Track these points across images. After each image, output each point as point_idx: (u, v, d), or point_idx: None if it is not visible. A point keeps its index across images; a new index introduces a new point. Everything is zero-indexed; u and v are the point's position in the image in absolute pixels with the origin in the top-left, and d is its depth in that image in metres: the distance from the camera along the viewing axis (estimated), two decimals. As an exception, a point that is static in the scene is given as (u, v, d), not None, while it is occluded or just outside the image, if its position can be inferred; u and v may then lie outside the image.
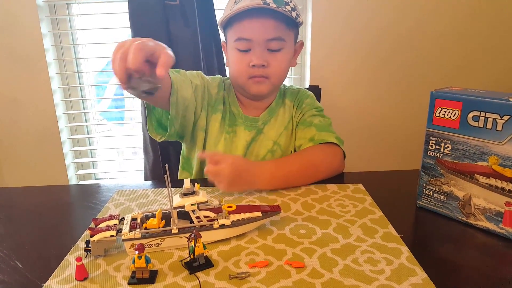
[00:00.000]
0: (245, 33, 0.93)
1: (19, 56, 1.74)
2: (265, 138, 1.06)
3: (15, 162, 1.89)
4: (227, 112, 1.06)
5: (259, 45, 0.93)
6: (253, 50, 0.94)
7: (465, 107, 0.69)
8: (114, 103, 2.14)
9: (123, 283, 0.57)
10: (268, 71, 0.96)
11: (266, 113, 1.06)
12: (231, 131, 1.05)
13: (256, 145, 1.06)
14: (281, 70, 0.98)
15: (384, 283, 0.56)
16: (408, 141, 1.92)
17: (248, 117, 1.05)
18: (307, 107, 1.08)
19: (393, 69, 1.84)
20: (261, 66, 0.94)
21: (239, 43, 0.95)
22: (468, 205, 0.72)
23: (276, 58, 0.96)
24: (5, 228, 0.76)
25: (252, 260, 0.62)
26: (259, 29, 0.92)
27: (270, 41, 0.93)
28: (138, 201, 0.85)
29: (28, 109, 1.81)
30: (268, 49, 0.94)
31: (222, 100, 1.06)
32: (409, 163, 1.91)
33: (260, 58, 0.93)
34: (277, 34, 0.93)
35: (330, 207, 0.79)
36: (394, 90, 1.87)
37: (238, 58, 0.97)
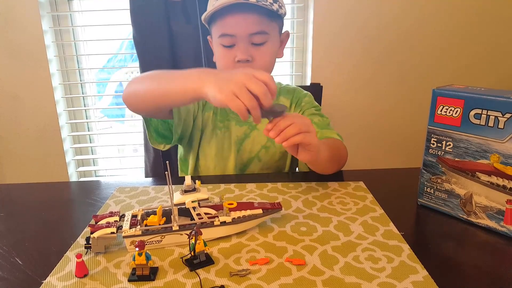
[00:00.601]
0: (228, 29, 0.92)
1: (20, 52, 1.73)
2: (259, 134, 1.06)
3: (16, 158, 1.89)
4: (218, 108, 1.05)
5: (242, 40, 0.93)
6: (237, 45, 0.93)
7: (467, 104, 0.69)
8: (115, 100, 2.14)
9: (123, 280, 0.57)
10: (253, 65, 0.95)
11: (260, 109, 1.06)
12: (223, 127, 1.05)
13: (249, 141, 1.06)
14: (266, 63, 0.97)
15: (385, 281, 0.56)
16: (409, 139, 1.92)
17: None
18: (307, 105, 1.08)
19: (395, 67, 1.83)
20: (246, 61, 0.94)
21: (223, 39, 0.94)
22: (469, 203, 0.72)
23: (261, 51, 0.95)
24: (5, 224, 0.76)
25: (253, 257, 0.62)
26: (241, 24, 0.91)
27: (253, 35, 0.92)
28: (139, 198, 0.85)
29: (29, 106, 1.81)
30: (252, 43, 0.94)
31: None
32: (410, 161, 1.90)
33: (245, 53, 0.93)
34: (260, 28, 0.92)
35: (331, 205, 0.79)
36: (395, 88, 1.87)
37: (223, 54, 0.96)
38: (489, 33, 1.80)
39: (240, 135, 1.06)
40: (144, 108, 0.89)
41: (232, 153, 1.05)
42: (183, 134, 1.03)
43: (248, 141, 1.06)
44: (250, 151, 1.06)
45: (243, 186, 0.90)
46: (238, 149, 1.06)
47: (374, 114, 1.90)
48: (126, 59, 2.03)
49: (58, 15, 1.80)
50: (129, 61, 2.03)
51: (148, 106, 0.87)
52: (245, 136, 1.06)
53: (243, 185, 0.90)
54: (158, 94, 0.81)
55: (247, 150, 1.06)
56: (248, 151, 1.06)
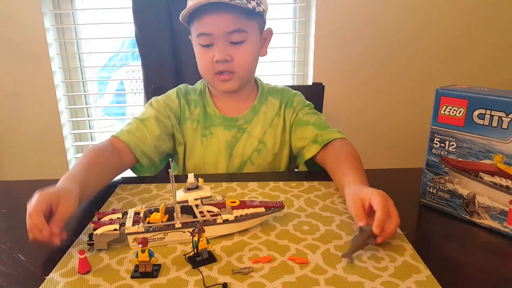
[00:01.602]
0: (205, 28, 0.91)
1: (22, 50, 1.74)
2: (250, 137, 1.04)
3: (17, 156, 1.89)
4: (201, 115, 1.04)
5: (220, 39, 0.91)
6: (215, 45, 0.92)
7: (470, 104, 0.69)
8: (116, 98, 2.14)
9: (126, 277, 0.57)
10: (232, 65, 0.94)
11: (249, 112, 1.04)
12: (208, 133, 1.03)
13: (240, 145, 1.04)
14: (246, 63, 0.96)
15: (388, 280, 0.56)
16: (411, 139, 1.92)
17: (226, 117, 1.03)
18: (299, 105, 1.06)
19: (397, 67, 1.83)
20: (225, 61, 0.92)
21: (201, 38, 0.93)
22: (472, 203, 0.71)
23: (239, 50, 0.93)
24: (7, 221, 0.76)
25: (255, 255, 0.62)
26: (218, 23, 0.90)
27: (231, 33, 0.91)
28: (141, 195, 0.85)
29: (30, 104, 1.81)
30: (230, 42, 0.92)
31: (191, 106, 1.04)
32: (412, 161, 1.90)
33: (222, 52, 0.91)
34: (237, 26, 0.90)
35: (333, 204, 0.79)
36: (397, 87, 1.87)
37: (202, 54, 0.95)
38: (493, 33, 1.79)
39: (230, 139, 1.03)
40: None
41: (222, 158, 1.04)
42: (165, 156, 1.04)
43: (239, 145, 1.04)
44: (242, 155, 1.04)
45: (245, 184, 0.90)
46: (229, 154, 1.04)
47: (376, 113, 1.90)
48: (127, 58, 2.03)
49: (61, 13, 1.80)
50: (130, 59, 2.04)
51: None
52: (236, 140, 1.04)
53: (245, 184, 0.90)
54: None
55: (239, 154, 1.04)
56: (240, 155, 1.04)
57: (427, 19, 1.77)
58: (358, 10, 1.75)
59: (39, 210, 0.61)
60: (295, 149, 1.05)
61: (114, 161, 0.89)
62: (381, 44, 1.79)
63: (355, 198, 0.68)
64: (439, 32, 1.79)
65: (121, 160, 0.91)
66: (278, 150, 1.06)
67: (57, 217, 0.62)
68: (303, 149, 1.01)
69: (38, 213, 0.61)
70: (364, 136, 1.93)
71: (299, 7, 1.84)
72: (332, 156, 0.92)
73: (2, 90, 1.78)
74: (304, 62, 1.90)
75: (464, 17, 1.77)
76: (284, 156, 1.07)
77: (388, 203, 0.65)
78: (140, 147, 0.95)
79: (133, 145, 0.94)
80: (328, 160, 0.93)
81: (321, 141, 0.96)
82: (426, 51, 1.81)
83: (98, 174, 0.82)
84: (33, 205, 0.61)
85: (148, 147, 0.96)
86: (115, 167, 0.89)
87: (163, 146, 1.01)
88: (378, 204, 0.63)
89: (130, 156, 0.94)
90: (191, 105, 1.05)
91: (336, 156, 0.91)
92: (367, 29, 1.77)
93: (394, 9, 1.75)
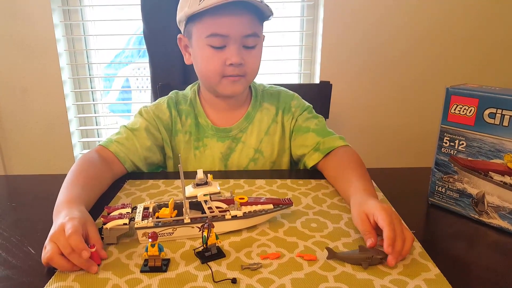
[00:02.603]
0: (221, 28, 0.85)
1: (30, 46, 1.74)
2: (245, 147, 1.01)
3: (24, 151, 1.90)
4: (193, 126, 1.00)
5: (235, 42, 0.87)
6: (228, 47, 0.87)
7: (481, 104, 0.68)
8: (121, 95, 2.15)
9: (135, 271, 0.57)
10: (245, 69, 0.90)
11: (243, 121, 1.01)
12: (201, 145, 1.00)
13: (235, 156, 1.01)
14: (255, 67, 0.93)
15: (397, 278, 0.56)
16: (418, 139, 1.91)
17: (218, 128, 1.00)
18: (297, 110, 1.02)
19: (405, 66, 1.83)
20: (239, 65, 0.88)
21: (213, 39, 0.87)
22: (482, 203, 0.71)
23: (252, 55, 0.90)
24: (16, 214, 0.77)
25: (264, 251, 0.62)
26: (237, 25, 0.86)
27: (247, 37, 0.87)
28: (149, 191, 0.85)
29: (38, 99, 1.82)
30: (243, 46, 0.89)
31: (182, 117, 1.01)
32: (419, 160, 1.90)
33: (238, 56, 0.87)
34: (253, 30, 0.88)
35: (341, 202, 0.79)
36: (405, 86, 1.86)
37: (211, 56, 0.89)
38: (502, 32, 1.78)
39: (224, 150, 1.00)
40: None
41: (218, 170, 1.01)
42: (153, 169, 1.02)
43: (234, 156, 1.01)
44: (237, 165, 1.01)
45: (252, 182, 0.90)
46: (224, 165, 1.01)
47: (383, 113, 1.90)
48: (133, 55, 2.04)
49: (69, 9, 1.80)
50: (136, 57, 2.04)
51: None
52: (230, 151, 1.01)
53: (253, 181, 0.90)
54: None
55: (235, 165, 1.01)
56: (236, 165, 1.01)
57: (436, 18, 1.76)
58: (367, 9, 1.74)
59: (79, 231, 0.57)
60: (295, 156, 1.02)
61: (106, 174, 0.86)
62: (389, 43, 1.79)
63: (360, 213, 0.65)
64: (448, 31, 1.78)
65: (112, 172, 0.88)
66: (276, 158, 1.03)
67: (98, 240, 0.60)
68: (304, 156, 0.98)
69: (78, 234, 0.57)
70: (370, 135, 1.92)
71: (306, 6, 1.83)
72: (334, 164, 0.89)
73: (10, 86, 1.79)
74: (311, 60, 1.90)
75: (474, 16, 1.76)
76: (284, 163, 1.04)
77: (393, 218, 0.61)
78: (130, 158, 0.92)
79: (123, 156, 0.91)
80: (331, 169, 0.90)
81: (323, 149, 0.93)
82: (435, 50, 1.81)
83: (95, 191, 0.78)
84: (71, 227, 0.57)
85: (138, 158, 0.94)
86: (108, 181, 0.86)
87: (153, 158, 0.98)
88: (384, 221, 0.60)
89: (120, 166, 0.91)
90: (182, 116, 1.01)
91: (339, 164, 0.88)
92: (375, 28, 1.76)
93: (403, 8, 1.74)
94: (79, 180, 0.76)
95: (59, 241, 0.57)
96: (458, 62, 1.83)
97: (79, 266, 0.57)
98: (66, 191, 0.72)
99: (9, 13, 1.70)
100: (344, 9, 1.74)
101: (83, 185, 0.75)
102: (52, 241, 0.57)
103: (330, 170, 0.90)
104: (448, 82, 0.78)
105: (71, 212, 0.63)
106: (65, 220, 0.59)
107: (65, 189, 0.73)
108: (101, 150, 0.91)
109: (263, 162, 1.02)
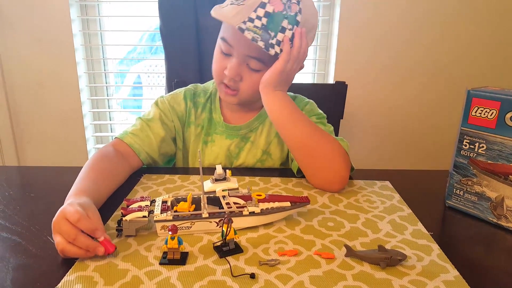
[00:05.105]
0: (230, 37, 0.87)
1: (48, 40, 1.76)
2: (253, 147, 1.00)
3: (38, 144, 1.92)
4: (206, 120, 1.01)
5: (238, 57, 0.87)
6: (232, 58, 0.88)
7: (503, 107, 0.68)
8: (133, 91, 2.16)
9: (154, 263, 0.58)
10: (240, 85, 0.90)
11: (254, 120, 1.00)
12: (209, 141, 1.00)
13: (242, 154, 1.00)
14: (253, 90, 0.90)
15: (416, 279, 0.55)
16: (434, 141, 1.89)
17: (228, 125, 1.00)
18: (307, 114, 0.98)
19: (422, 68, 1.81)
20: (234, 80, 0.89)
21: (223, 43, 0.89)
22: (500, 206, 0.71)
23: (251, 77, 0.89)
24: (35, 205, 0.78)
25: (281, 248, 0.62)
26: (242, 42, 0.85)
27: (250, 58, 0.87)
28: (166, 185, 0.85)
29: (53, 93, 1.84)
30: (247, 64, 0.88)
31: (198, 110, 1.01)
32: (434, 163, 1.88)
33: (234, 70, 0.87)
34: (259, 55, 0.86)
35: (357, 202, 0.79)
36: (421, 89, 1.84)
37: (218, 57, 0.91)
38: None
39: (233, 148, 1.00)
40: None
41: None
42: (166, 160, 1.03)
43: (242, 154, 1.00)
44: (244, 165, 1.01)
45: (267, 179, 0.90)
46: (230, 163, 1.01)
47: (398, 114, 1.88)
48: (145, 51, 2.05)
49: (86, 4, 1.82)
50: (148, 53, 2.05)
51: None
52: (238, 150, 1.00)
53: (268, 179, 0.90)
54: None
55: (240, 164, 1.01)
56: (242, 165, 1.01)
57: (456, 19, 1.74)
58: (383, 11, 1.73)
59: (84, 215, 0.58)
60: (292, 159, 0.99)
61: (122, 168, 0.86)
62: (406, 45, 1.77)
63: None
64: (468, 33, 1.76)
65: (129, 165, 0.89)
66: (286, 161, 1.02)
67: (99, 226, 0.60)
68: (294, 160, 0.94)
69: (85, 217, 0.58)
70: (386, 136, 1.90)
71: (322, 6, 1.83)
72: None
73: (27, 79, 1.82)
74: (326, 60, 1.90)
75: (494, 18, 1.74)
76: (294, 166, 0.95)
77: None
78: (144, 150, 0.92)
79: (137, 147, 0.91)
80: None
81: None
82: (453, 53, 1.79)
83: (108, 184, 0.78)
84: (74, 211, 0.57)
85: (152, 149, 0.94)
86: (124, 174, 0.86)
87: (167, 148, 0.98)
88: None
89: (135, 159, 0.92)
90: (198, 109, 1.01)
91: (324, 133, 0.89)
92: (392, 29, 1.75)
93: (421, 9, 1.73)
94: (90, 174, 0.76)
95: (61, 230, 0.58)
96: (477, 65, 1.81)
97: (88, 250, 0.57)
98: (75, 185, 0.72)
99: (28, 8, 1.72)
100: (360, 10, 1.73)
101: (94, 179, 0.75)
102: (56, 232, 0.58)
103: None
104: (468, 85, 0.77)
105: (73, 200, 0.64)
106: (64, 207, 0.60)
107: (75, 183, 0.73)
108: (117, 143, 0.92)
109: (271, 164, 1.02)
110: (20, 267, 0.58)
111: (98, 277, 0.55)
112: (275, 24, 0.81)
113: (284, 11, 0.82)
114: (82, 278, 0.55)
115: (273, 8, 0.81)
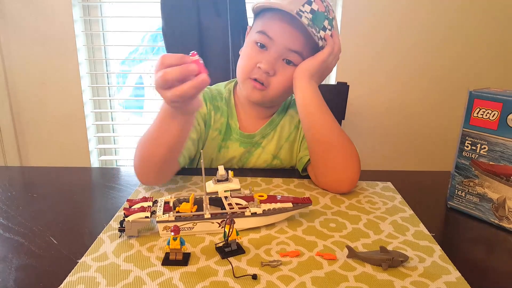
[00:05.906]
0: (271, 30, 0.87)
1: (50, 40, 1.77)
2: (263, 153, 1.00)
3: (40, 144, 1.93)
4: (224, 126, 0.99)
5: (276, 51, 0.88)
6: (268, 52, 0.88)
7: (505, 108, 0.68)
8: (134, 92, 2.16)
9: (156, 264, 0.58)
10: (271, 80, 0.89)
11: (266, 126, 1.00)
12: (224, 146, 1.00)
13: (252, 159, 1.01)
14: (283, 86, 0.91)
15: (417, 280, 0.55)
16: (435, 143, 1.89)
17: (243, 134, 0.99)
18: None
19: (424, 69, 1.81)
20: (267, 73, 0.88)
21: (261, 36, 0.88)
22: (502, 208, 0.71)
23: (285, 71, 0.89)
24: (39, 205, 0.78)
25: (283, 249, 0.62)
26: (285, 34, 0.87)
27: (290, 51, 0.88)
28: (168, 186, 0.86)
29: (56, 93, 1.84)
30: (283, 58, 0.89)
31: (217, 113, 0.99)
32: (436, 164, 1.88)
33: (270, 64, 0.87)
34: (298, 47, 0.88)
35: (359, 203, 0.79)
36: (423, 90, 1.84)
37: (250, 53, 0.91)
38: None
39: (244, 154, 1.00)
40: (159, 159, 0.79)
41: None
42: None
43: (251, 159, 1.01)
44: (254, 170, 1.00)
45: (269, 180, 0.90)
46: (242, 167, 1.02)
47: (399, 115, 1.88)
48: (147, 52, 2.06)
49: (89, 5, 1.82)
50: (149, 53, 2.05)
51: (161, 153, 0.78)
52: (249, 155, 1.00)
53: (270, 180, 0.90)
54: (157, 136, 0.77)
55: (249, 168, 1.01)
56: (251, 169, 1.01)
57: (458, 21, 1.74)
58: (385, 11, 1.73)
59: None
60: (297, 162, 1.00)
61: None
62: (409, 46, 1.78)
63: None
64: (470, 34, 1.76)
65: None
66: (295, 165, 1.02)
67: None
68: (300, 160, 0.95)
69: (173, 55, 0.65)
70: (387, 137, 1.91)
71: (324, 7, 1.83)
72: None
73: (29, 79, 1.82)
74: (327, 61, 1.89)
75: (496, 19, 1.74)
76: (301, 163, 0.97)
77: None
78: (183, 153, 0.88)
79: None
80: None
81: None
82: (455, 54, 1.79)
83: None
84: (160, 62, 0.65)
85: (188, 152, 0.91)
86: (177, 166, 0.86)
87: (193, 151, 0.95)
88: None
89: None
90: (217, 113, 0.99)
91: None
92: (393, 30, 1.76)
93: (423, 10, 1.73)
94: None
95: (164, 64, 0.64)
96: (479, 66, 1.81)
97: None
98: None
99: (31, 9, 1.72)
100: (362, 11, 1.73)
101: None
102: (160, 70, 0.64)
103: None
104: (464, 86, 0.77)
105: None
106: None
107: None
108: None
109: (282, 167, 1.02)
110: (23, 267, 0.58)
111: (101, 278, 0.55)
112: (318, 21, 0.86)
113: (326, 13, 0.88)
114: (85, 279, 0.55)
115: (318, 7, 0.86)
